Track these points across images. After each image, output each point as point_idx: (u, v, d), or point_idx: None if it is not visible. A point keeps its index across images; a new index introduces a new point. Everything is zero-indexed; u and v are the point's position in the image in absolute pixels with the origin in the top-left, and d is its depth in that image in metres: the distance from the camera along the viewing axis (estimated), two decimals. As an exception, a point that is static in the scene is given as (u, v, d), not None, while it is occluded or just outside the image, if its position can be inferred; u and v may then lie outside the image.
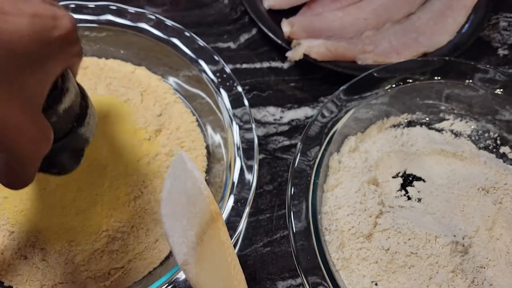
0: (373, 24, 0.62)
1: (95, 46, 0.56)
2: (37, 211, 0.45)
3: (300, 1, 0.64)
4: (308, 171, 0.47)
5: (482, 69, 0.54)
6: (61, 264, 0.43)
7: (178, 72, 0.55)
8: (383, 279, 0.45)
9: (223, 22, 0.65)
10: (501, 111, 0.54)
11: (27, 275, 0.43)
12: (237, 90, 0.51)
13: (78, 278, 0.43)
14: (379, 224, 0.46)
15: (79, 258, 0.44)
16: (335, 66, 0.57)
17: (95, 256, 0.44)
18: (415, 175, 0.52)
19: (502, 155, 0.54)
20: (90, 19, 0.55)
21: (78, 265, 0.43)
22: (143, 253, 0.45)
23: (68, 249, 0.44)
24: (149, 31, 0.54)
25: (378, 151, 0.52)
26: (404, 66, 0.54)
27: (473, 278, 0.44)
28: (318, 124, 0.50)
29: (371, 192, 0.48)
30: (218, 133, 0.52)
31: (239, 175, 0.46)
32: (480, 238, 0.47)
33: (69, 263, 0.43)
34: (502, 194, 0.50)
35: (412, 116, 0.55)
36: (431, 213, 0.49)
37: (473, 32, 0.61)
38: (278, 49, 0.63)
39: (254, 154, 0.47)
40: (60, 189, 0.46)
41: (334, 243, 0.45)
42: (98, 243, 0.44)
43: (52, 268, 0.43)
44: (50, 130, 0.29)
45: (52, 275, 0.43)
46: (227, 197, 0.45)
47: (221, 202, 0.45)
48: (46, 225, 0.44)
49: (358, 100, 0.51)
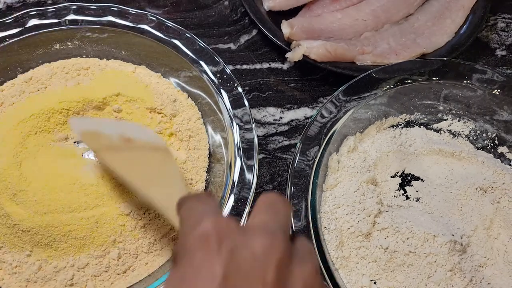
0: (372, 25, 0.63)
1: (96, 47, 0.56)
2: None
3: (300, 2, 0.64)
4: (308, 171, 0.47)
5: (480, 70, 0.54)
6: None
7: (179, 73, 0.55)
8: (382, 277, 0.45)
9: (223, 23, 0.66)
10: (499, 112, 0.54)
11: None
12: (238, 91, 0.51)
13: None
14: (377, 223, 0.47)
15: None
16: (334, 67, 0.57)
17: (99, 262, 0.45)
18: (413, 174, 0.52)
19: (500, 155, 0.54)
20: (92, 20, 0.55)
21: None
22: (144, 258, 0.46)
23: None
24: (151, 32, 0.55)
25: (377, 151, 0.52)
26: (403, 67, 0.54)
27: (471, 277, 0.45)
28: (317, 124, 0.50)
29: (370, 192, 0.48)
30: (218, 133, 0.52)
31: (239, 174, 0.46)
32: (478, 237, 0.48)
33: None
34: (500, 194, 0.50)
35: (410, 116, 0.56)
36: (430, 212, 0.49)
37: (471, 33, 0.62)
38: (278, 50, 0.63)
39: (254, 154, 0.47)
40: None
41: (333, 242, 0.46)
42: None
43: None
44: None
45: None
46: (228, 197, 0.45)
47: (222, 201, 0.45)
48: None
49: (357, 101, 0.52)
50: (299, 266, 0.22)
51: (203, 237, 0.22)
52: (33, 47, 0.54)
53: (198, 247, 0.22)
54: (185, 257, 0.22)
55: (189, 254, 0.22)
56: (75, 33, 0.55)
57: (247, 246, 0.22)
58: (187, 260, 0.22)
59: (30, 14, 0.54)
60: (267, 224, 0.24)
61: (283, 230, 0.24)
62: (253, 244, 0.22)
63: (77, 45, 0.56)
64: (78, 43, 0.56)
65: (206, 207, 0.26)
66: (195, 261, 0.22)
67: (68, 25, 0.55)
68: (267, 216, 0.25)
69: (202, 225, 0.23)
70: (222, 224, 0.23)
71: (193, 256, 0.22)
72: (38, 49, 0.55)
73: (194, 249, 0.22)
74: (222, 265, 0.21)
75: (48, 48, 0.55)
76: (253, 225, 0.25)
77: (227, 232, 0.22)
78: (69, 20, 0.55)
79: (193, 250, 0.22)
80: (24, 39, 0.53)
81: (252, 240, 0.22)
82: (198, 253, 0.22)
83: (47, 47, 0.55)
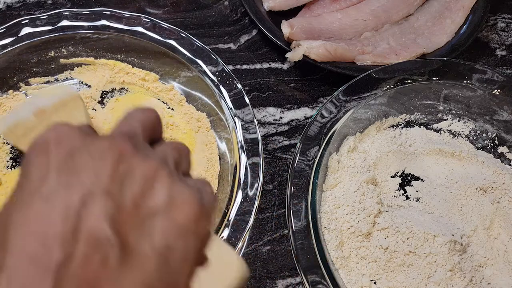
0: (372, 25, 0.63)
1: (91, 52, 0.56)
2: None
3: (300, 2, 0.64)
4: (308, 171, 0.47)
5: (480, 70, 0.54)
6: None
7: (179, 73, 0.55)
8: (381, 277, 0.45)
9: (223, 23, 0.66)
10: (499, 112, 0.54)
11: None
12: (238, 89, 0.51)
13: None
14: (378, 223, 0.47)
15: None
16: (334, 67, 0.57)
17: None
18: (413, 174, 0.52)
19: (500, 155, 0.54)
20: (86, 25, 0.55)
21: None
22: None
23: None
24: (146, 34, 0.55)
25: (377, 151, 0.52)
26: (403, 67, 0.54)
27: (471, 277, 0.45)
28: (317, 124, 0.50)
29: (370, 192, 0.48)
30: (221, 132, 0.52)
31: (245, 172, 0.46)
32: (478, 237, 0.48)
33: None
34: (500, 194, 0.50)
35: (410, 116, 0.56)
36: (430, 212, 0.49)
37: (471, 33, 0.62)
38: (278, 50, 0.63)
39: (259, 148, 0.47)
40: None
41: (333, 242, 0.46)
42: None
43: None
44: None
45: None
46: (235, 194, 0.45)
47: (229, 200, 0.45)
48: None
49: (357, 101, 0.52)
50: (140, 160, 0.21)
51: (40, 145, 0.21)
52: (27, 56, 0.54)
53: (34, 154, 0.21)
54: (21, 170, 0.22)
55: (25, 165, 0.21)
56: (69, 39, 0.55)
57: (88, 149, 0.21)
58: (22, 171, 0.21)
59: (23, 23, 0.54)
60: (114, 130, 0.24)
61: (129, 132, 0.23)
62: (93, 147, 0.21)
63: (72, 51, 0.56)
64: (73, 49, 0.55)
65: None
66: (29, 167, 0.21)
67: (62, 32, 0.54)
68: (117, 125, 0.24)
69: (41, 135, 0.22)
70: (62, 129, 0.22)
71: (27, 165, 0.21)
72: (32, 57, 0.54)
73: (30, 158, 0.21)
74: (54, 165, 0.20)
75: (43, 56, 0.55)
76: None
77: (67, 137, 0.21)
78: (62, 26, 0.54)
79: (29, 159, 0.21)
80: (17, 48, 0.53)
81: (93, 143, 0.21)
82: (34, 159, 0.21)
83: (41, 55, 0.55)
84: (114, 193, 0.20)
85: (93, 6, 0.62)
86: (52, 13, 0.55)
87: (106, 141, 0.21)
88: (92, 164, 0.20)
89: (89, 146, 0.21)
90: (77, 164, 0.20)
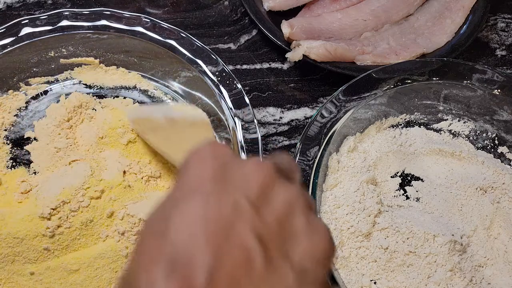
0: (372, 25, 0.63)
1: (91, 52, 0.56)
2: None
3: (300, 2, 0.64)
4: (308, 171, 0.47)
5: (480, 70, 0.54)
6: None
7: (179, 73, 0.55)
8: (382, 277, 0.45)
9: (223, 23, 0.66)
10: (499, 112, 0.54)
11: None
12: (238, 89, 0.51)
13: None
14: (378, 223, 0.47)
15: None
16: (334, 67, 0.57)
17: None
18: (413, 174, 0.52)
19: (500, 155, 0.54)
20: (86, 25, 0.54)
21: None
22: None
23: None
24: (146, 34, 0.55)
25: (377, 151, 0.52)
26: (403, 67, 0.54)
27: (471, 277, 0.45)
28: (317, 124, 0.50)
29: (370, 192, 0.48)
30: (221, 132, 0.52)
31: None
32: (478, 237, 0.48)
33: None
34: (500, 194, 0.50)
35: (410, 116, 0.56)
36: (430, 212, 0.49)
37: (471, 33, 0.62)
38: (278, 50, 0.63)
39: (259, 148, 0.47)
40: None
41: (333, 242, 0.46)
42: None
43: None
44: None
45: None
46: None
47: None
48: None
49: (357, 101, 0.52)
50: (283, 186, 0.24)
51: (199, 155, 0.25)
52: (27, 56, 0.54)
53: (193, 161, 0.24)
54: (180, 173, 0.25)
55: (184, 169, 0.24)
56: (69, 39, 0.54)
57: (238, 166, 0.24)
58: (182, 173, 0.24)
59: (23, 23, 0.54)
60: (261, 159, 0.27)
61: (275, 163, 0.26)
62: (243, 166, 0.24)
63: (72, 51, 0.55)
64: (73, 49, 0.55)
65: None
66: (189, 171, 0.24)
67: (62, 32, 0.54)
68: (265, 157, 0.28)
69: (200, 147, 0.25)
70: (218, 146, 0.25)
71: (187, 169, 0.24)
72: (32, 57, 0.54)
73: (190, 164, 0.24)
74: (211, 172, 0.23)
75: (43, 56, 0.55)
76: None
77: (222, 153, 0.25)
78: (62, 26, 0.54)
79: (189, 165, 0.24)
80: (17, 48, 0.53)
81: (243, 162, 0.24)
82: (193, 165, 0.24)
83: (41, 55, 0.54)
84: (260, 209, 0.22)
85: (93, 6, 0.62)
86: (52, 13, 0.55)
87: (255, 163, 0.24)
88: (242, 179, 0.23)
89: (240, 164, 0.24)
90: (229, 177, 0.23)
